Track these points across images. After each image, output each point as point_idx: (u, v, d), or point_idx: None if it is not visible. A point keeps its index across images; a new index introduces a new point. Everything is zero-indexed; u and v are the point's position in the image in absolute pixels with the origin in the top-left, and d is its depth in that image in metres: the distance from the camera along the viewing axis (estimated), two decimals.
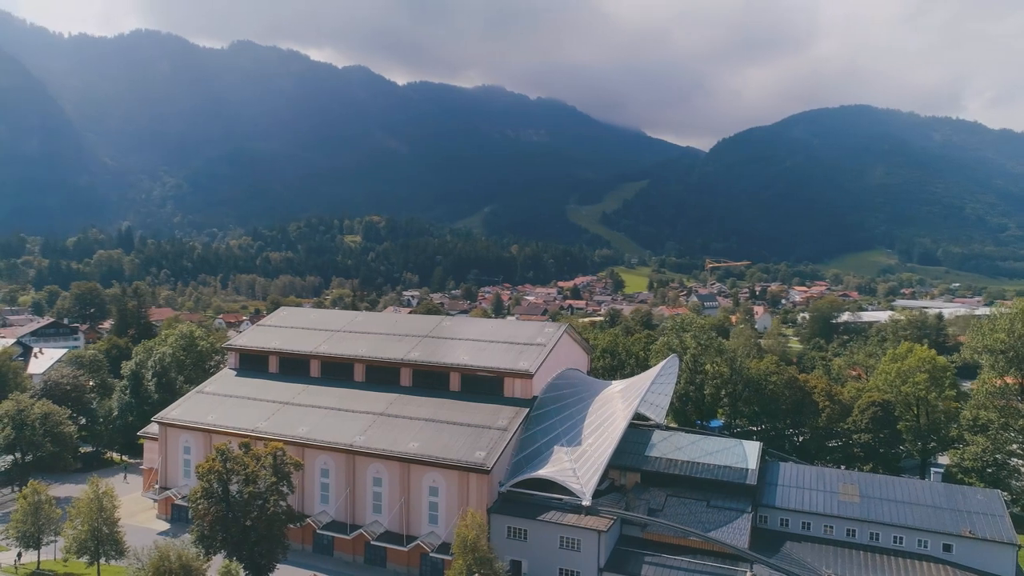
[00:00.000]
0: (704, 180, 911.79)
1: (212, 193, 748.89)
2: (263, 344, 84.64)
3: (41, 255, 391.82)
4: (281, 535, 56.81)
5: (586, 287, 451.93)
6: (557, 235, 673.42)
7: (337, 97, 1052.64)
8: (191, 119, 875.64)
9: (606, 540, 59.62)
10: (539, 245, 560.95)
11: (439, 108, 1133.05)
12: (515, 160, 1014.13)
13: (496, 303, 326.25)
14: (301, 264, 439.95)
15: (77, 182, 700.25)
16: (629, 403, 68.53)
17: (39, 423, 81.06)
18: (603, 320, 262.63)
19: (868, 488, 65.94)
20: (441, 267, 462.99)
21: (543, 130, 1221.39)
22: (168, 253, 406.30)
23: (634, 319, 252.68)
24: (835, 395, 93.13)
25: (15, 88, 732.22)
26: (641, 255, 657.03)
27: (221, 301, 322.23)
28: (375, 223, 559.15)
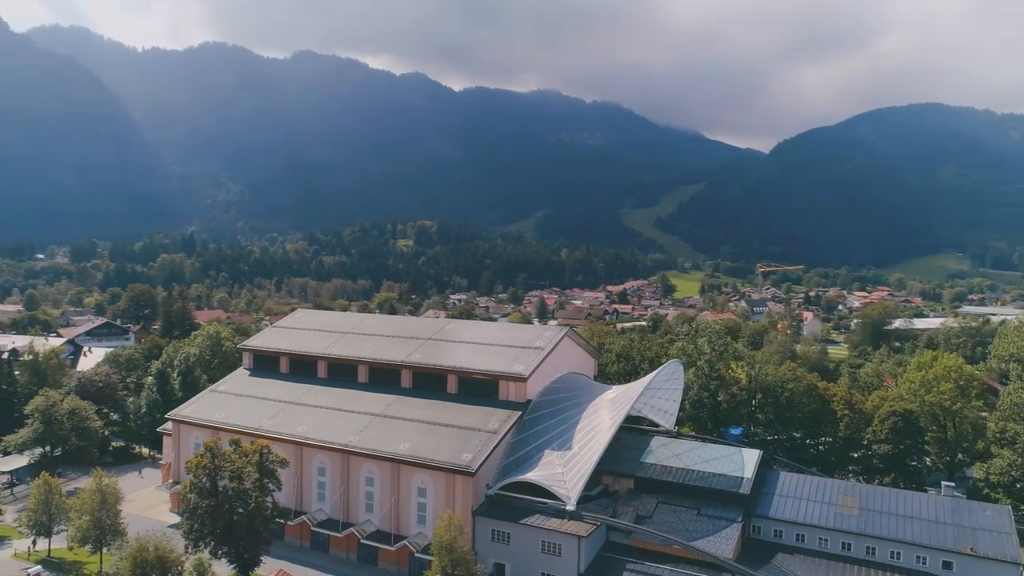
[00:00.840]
0: (763, 183, 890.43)
1: (273, 199, 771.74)
2: (275, 345, 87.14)
3: (109, 259, 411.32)
4: (265, 530, 58.34)
5: (635, 291, 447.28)
6: (610, 239, 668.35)
7: (394, 104, 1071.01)
8: (254, 127, 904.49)
9: (587, 545, 59.17)
10: (589, 249, 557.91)
11: (494, 113, 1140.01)
12: (570, 164, 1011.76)
13: (540, 307, 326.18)
14: (353, 268, 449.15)
15: (146, 189, 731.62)
16: (618, 410, 67.71)
17: (67, 418, 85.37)
18: (646, 325, 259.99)
19: (869, 501, 63.58)
20: (489, 271, 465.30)
21: (598, 133, 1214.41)
22: (227, 257, 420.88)
23: (677, 324, 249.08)
24: (856, 404, 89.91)
25: (91, 100, 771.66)
26: (695, 259, 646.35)
27: (274, 303, 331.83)
28: (427, 227, 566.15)
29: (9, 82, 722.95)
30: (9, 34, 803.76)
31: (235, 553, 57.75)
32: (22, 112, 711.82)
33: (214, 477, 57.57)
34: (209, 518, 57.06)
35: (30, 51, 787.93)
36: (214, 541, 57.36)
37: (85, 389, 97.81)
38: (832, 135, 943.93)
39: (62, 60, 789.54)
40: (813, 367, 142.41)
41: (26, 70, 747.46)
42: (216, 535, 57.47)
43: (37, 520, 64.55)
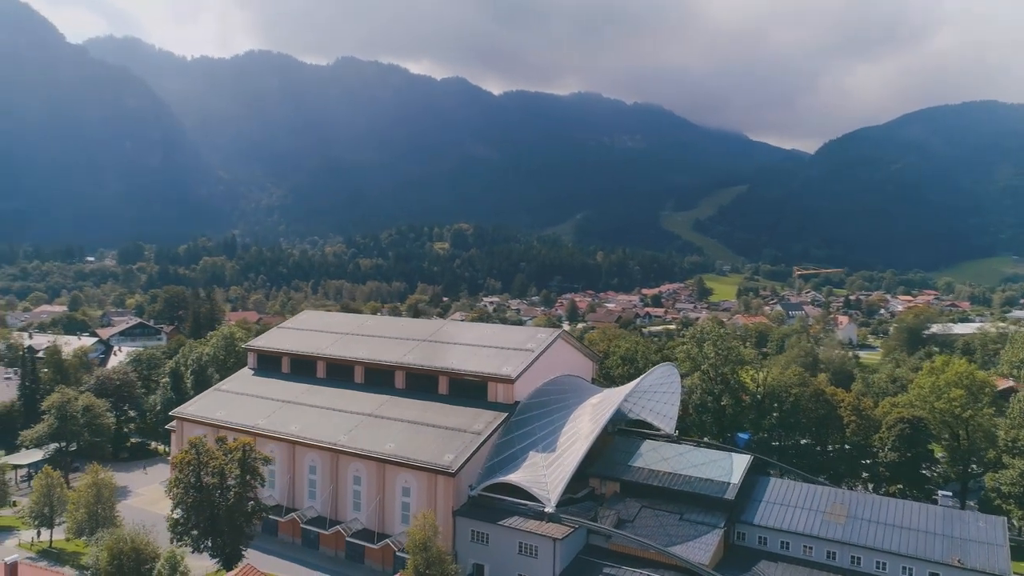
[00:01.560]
0: (807, 184, 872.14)
1: (314, 203, 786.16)
2: (277, 346, 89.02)
3: (154, 261, 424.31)
4: (247, 526, 59.64)
5: (670, 295, 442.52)
6: (649, 242, 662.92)
7: (434, 108, 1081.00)
8: (297, 132, 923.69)
9: (562, 548, 58.97)
10: (625, 252, 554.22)
11: (534, 117, 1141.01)
12: (609, 167, 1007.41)
13: (571, 310, 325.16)
14: (389, 270, 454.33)
15: (194, 193, 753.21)
16: (600, 414, 67.33)
17: (81, 415, 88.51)
18: (675, 328, 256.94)
19: (858, 509, 61.99)
20: (524, 273, 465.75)
21: (639, 136, 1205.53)
22: (266, 259, 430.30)
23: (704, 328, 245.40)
24: (864, 410, 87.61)
25: (142, 108, 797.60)
26: (735, 263, 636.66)
27: (310, 305, 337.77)
28: (463, 230, 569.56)
29: (65, 91, 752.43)
30: (66, 45, 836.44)
31: (218, 547, 59.22)
32: (77, 120, 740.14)
33: (199, 473, 59.14)
34: (193, 512, 58.69)
35: (85, 61, 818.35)
36: (198, 534, 58.94)
37: (104, 387, 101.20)
38: (881, 135, 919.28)
39: (115, 70, 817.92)
40: (836, 372, 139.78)
41: (81, 80, 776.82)
42: (200, 529, 59.08)
43: (39, 512, 67.15)
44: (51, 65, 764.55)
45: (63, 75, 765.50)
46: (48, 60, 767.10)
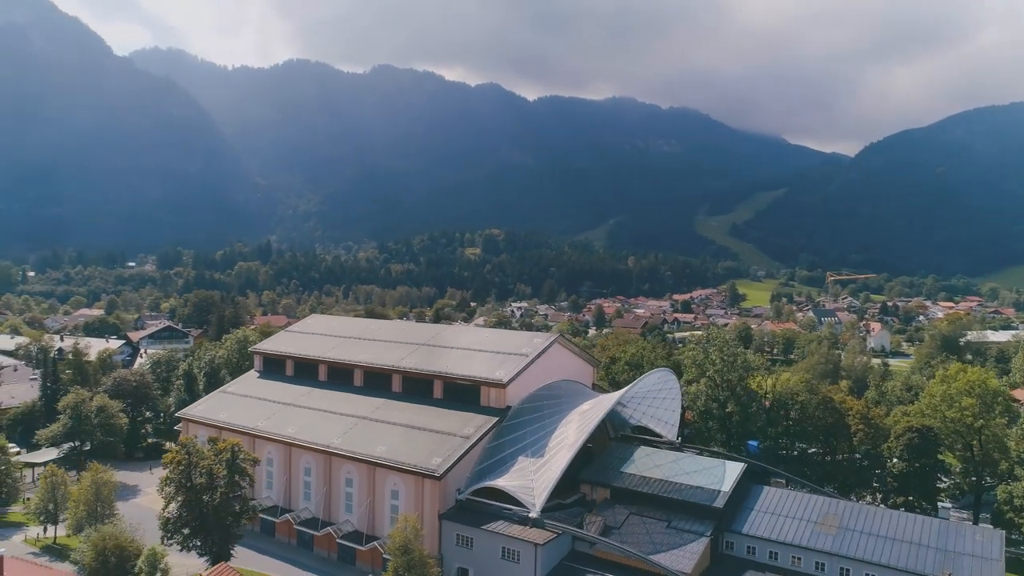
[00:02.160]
0: (847, 188, 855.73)
1: (350, 209, 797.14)
2: (282, 349, 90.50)
3: (192, 266, 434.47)
4: (235, 525, 60.65)
5: (702, 301, 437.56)
6: (682, 247, 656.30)
7: (468, 114, 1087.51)
8: (333, 139, 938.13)
9: (544, 553, 58.69)
10: (658, 257, 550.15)
11: (568, 122, 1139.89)
12: (644, 172, 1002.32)
13: (598, 315, 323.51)
14: (420, 275, 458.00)
15: (233, 200, 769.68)
16: (588, 421, 66.93)
17: (94, 415, 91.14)
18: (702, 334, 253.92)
19: (851, 520, 60.54)
20: (553, 279, 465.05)
21: (674, 140, 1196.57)
22: (299, 265, 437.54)
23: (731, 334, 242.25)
24: (873, 418, 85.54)
25: (185, 117, 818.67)
26: (770, 268, 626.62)
27: (341, 310, 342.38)
28: (494, 236, 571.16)
29: (111, 101, 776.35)
30: (113, 57, 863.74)
31: (206, 546, 60.36)
32: (122, 129, 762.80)
33: (189, 473, 60.42)
34: (183, 511, 59.96)
35: (131, 73, 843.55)
36: (188, 533, 60.19)
37: (121, 388, 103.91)
38: (924, 137, 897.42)
39: (159, 80, 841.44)
40: (858, 380, 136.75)
41: (127, 90, 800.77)
42: (190, 528, 60.33)
43: (44, 508, 69.28)
44: (99, 76, 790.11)
45: (110, 86, 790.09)
46: (96, 72, 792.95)
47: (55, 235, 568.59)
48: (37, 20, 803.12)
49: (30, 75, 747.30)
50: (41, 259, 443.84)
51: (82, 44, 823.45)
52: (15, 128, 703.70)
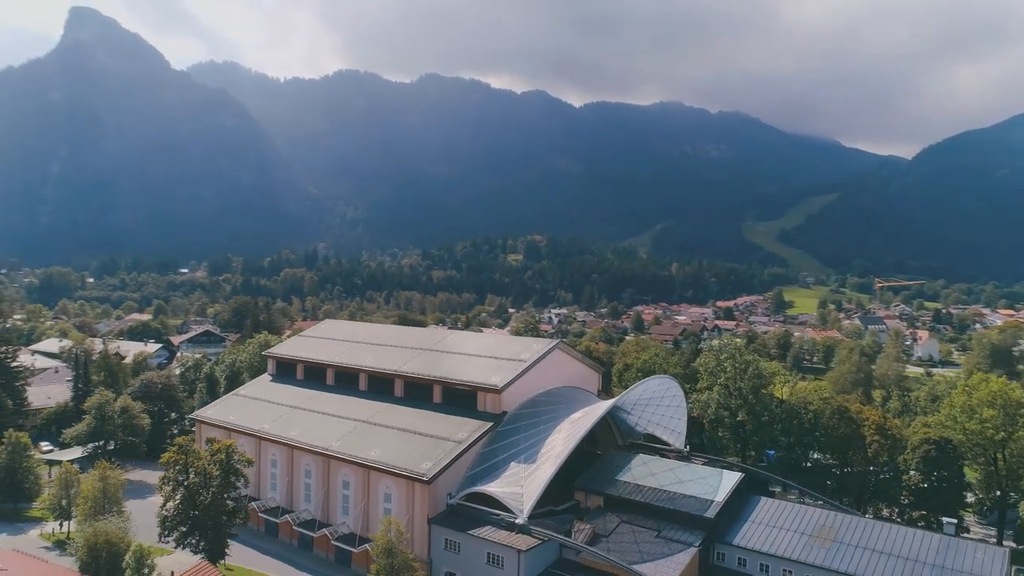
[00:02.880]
0: (904, 191, 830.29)
1: (396, 216, 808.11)
2: (293, 353, 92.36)
3: (240, 273, 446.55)
4: (229, 524, 62.04)
5: (746, 307, 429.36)
6: (729, 253, 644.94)
7: (515, 122, 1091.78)
8: (382, 148, 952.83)
9: (527, 560, 58.36)
10: (702, 263, 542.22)
11: (615, 128, 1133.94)
12: (692, 177, 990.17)
13: (636, 321, 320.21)
14: (461, 282, 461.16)
15: (284, 208, 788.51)
16: (578, 427, 66.47)
17: (118, 416, 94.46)
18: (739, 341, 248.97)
19: (847, 533, 58.60)
20: (595, 285, 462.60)
21: (723, 145, 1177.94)
22: (342, 271, 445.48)
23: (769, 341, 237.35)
24: (889, 429, 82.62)
25: (238, 128, 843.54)
26: (820, 274, 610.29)
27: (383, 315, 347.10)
28: (536, 242, 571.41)
29: (169, 113, 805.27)
30: (170, 71, 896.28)
31: (202, 544, 61.91)
32: (179, 141, 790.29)
33: (186, 472, 62.17)
34: (179, 510, 61.68)
35: (187, 85, 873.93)
36: (184, 530, 61.87)
37: (148, 390, 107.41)
38: (986, 138, 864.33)
39: (214, 92, 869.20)
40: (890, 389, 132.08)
41: (183, 102, 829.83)
42: (186, 526, 62.02)
43: (57, 504, 72.11)
44: (157, 89, 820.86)
45: (168, 98, 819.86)
46: (154, 85, 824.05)
47: (115, 242, 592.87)
48: (102, 37, 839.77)
49: (94, 89, 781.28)
50: (100, 266, 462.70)
51: (142, 58, 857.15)
52: (80, 140, 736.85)
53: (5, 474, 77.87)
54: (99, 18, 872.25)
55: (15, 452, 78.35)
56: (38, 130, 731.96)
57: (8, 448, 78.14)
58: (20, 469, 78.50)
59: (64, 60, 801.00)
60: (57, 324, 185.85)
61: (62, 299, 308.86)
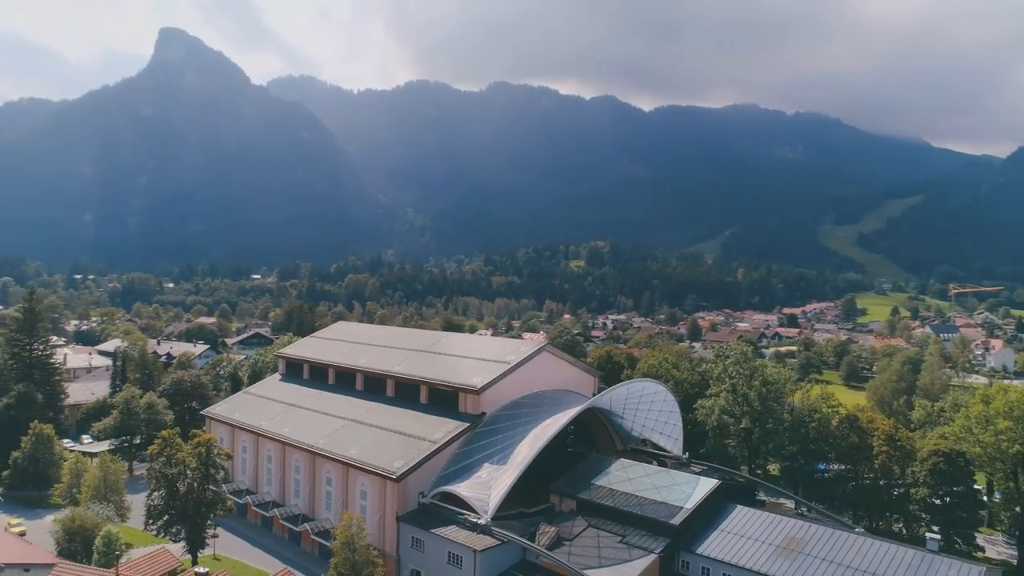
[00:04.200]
0: (996, 192, 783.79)
1: (463, 223, 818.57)
2: (301, 354, 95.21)
3: (308, 278, 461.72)
4: (205, 515, 64.52)
5: (814, 314, 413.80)
6: (803, 259, 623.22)
7: (584, 128, 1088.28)
8: (450, 156, 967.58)
9: (484, 560, 58.29)
10: (771, 269, 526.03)
11: (685, 132, 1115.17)
12: (765, 180, 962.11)
13: (692, 328, 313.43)
14: (520, 288, 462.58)
15: (355, 216, 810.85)
16: (546, 429, 66.03)
17: (143, 411, 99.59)
18: (797, 349, 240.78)
19: (818, 545, 56.00)
20: (656, 291, 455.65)
21: (800, 147, 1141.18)
22: (404, 277, 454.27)
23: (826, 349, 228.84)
24: (900, 440, 78.42)
25: (313, 140, 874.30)
26: (900, 280, 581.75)
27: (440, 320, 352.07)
28: (599, 248, 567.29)
29: (248, 127, 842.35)
30: (250, 87, 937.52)
31: (184, 534, 64.68)
32: (258, 153, 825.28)
33: (170, 464, 65.13)
34: (163, 500, 64.67)
35: (266, 100, 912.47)
36: (167, 520, 64.81)
37: (178, 387, 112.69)
38: None
39: (290, 106, 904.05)
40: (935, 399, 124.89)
41: (262, 116, 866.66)
42: (170, 516, 64.94)
43: (68, 492, 76.70)
44: (238, 104, 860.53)
45: (247, 112, 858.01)
46: (235, 100, 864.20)
47: (196, 250, 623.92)
48: (188, 56, 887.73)
49: (180, 105, 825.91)
50: (178, 272, 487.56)
51: (224, 75, 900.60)
52: (166, 154, 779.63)
53: (29, 463, 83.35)
54: (186, 38, 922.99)
55: (38, 443, 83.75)
56: (130, 145, 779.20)
57: (32, 439, 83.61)
58: (43, 459, 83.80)
59: (154, 78, 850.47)
60: (121, 326, 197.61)
61: (137, 303, 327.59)
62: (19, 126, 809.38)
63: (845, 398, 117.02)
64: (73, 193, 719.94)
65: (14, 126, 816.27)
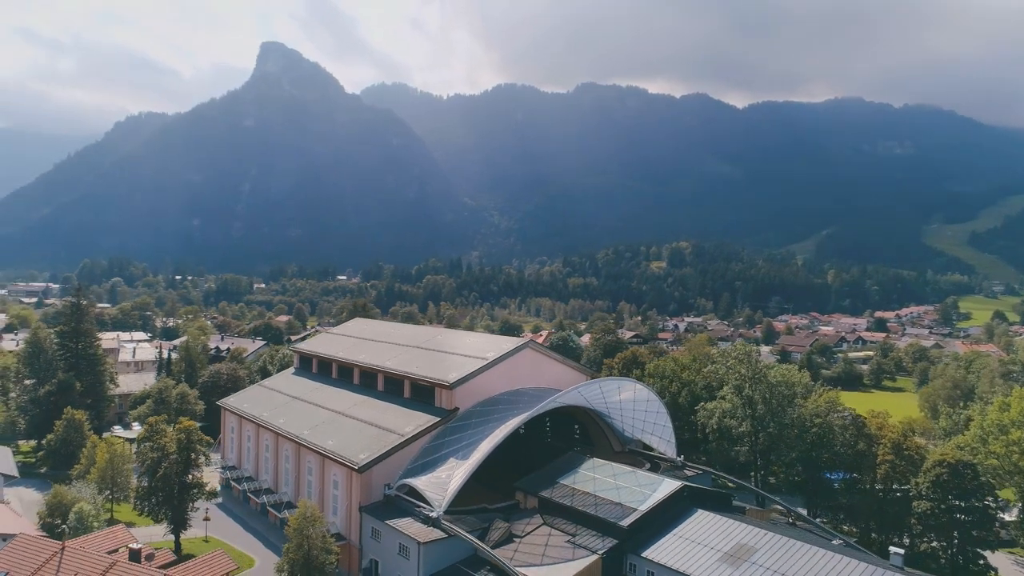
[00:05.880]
0: None
1: (548, 225, 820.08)
2: (311, 349, 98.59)
3: (389, 280, 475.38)
4: (183, 498, 68.06)
5: (911, 318, 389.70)
6: (903, 260, 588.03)
7: (674, 127, 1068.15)
8: (536, 158, 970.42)
9: (428, 552, 58.51)
10: (867, 269, 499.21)
11: (781, 128, 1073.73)
12: (867, 177, 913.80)
13: (767, 331, 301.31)
14: (596, 289, 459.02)
15: (442, 219, 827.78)
16: (505, 428, 65.60)
17: (175, 400, 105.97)
18: (873, 355, 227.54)
19: (768, 555, 53.16)
20: (738, 293, 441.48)
21: (908, 141, 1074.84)
22: (479, 278, 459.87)
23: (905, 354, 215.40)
24: (907, 448, 73.06)
25: (403, 146, 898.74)
26: (1014, 282, 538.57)
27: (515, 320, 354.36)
28: (682, 249, 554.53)
29: (342, 134, 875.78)
30: (344, 96, 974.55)
31: (168, 515, 68.56)
32: (351, 160, 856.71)
33: (154, 449, 69.21)
34: (149, 483, 68.78)
35: (359, 108, 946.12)
36: (152, 501, 68.87)
37: (216, 379, 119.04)
38: None
39: (382, 113, 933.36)
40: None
41: (356, 124, 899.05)
42: (157, 497, 68.99)
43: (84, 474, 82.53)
44: (332, 112, 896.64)
45: (341, 120, 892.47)
46: (330, 108, 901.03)
47: (291, 252, 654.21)
48: (286, 68, 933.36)
49: (279, 115, 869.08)
50: (269, 272, 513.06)
51: (320, 85, 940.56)
52: (266, 161, 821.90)
53: (61, 445, 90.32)
54: (285, 51, 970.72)
55: (70, 427, 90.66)
56: (234, 153, 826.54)
57: (64, 423, 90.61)
58: (73, 441, 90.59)
59: (256, 90, 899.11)
60: (197, 322, 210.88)
61: (223, 302, 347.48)
62: (137, 138, 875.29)
63: (894, 406, 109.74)
64: (183, 199, 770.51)
65: (132, 138, 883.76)
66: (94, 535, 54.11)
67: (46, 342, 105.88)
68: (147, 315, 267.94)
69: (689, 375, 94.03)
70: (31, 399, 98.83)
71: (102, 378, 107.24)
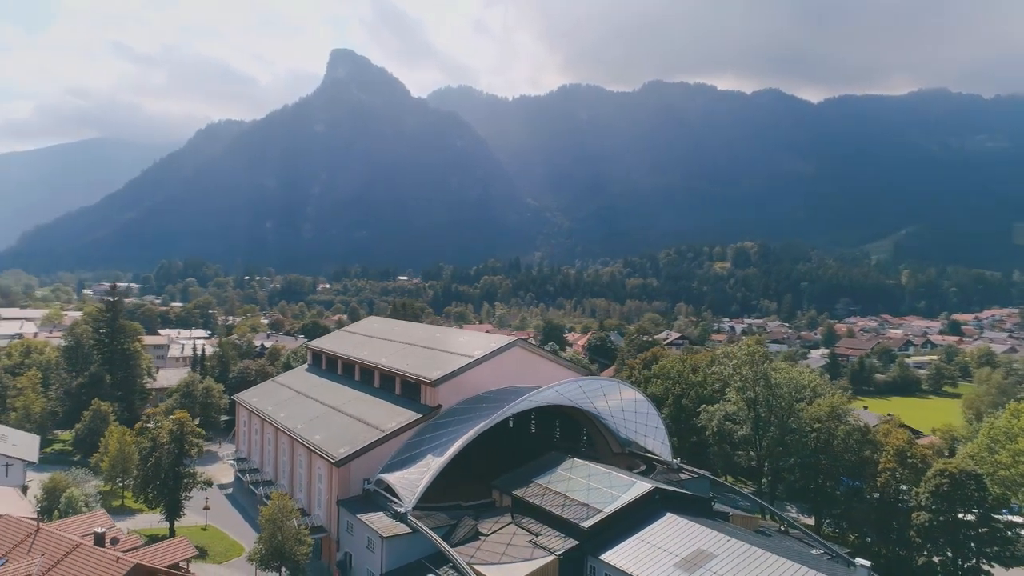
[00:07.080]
0: None
1: (610, 225, 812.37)
2: (321, 346, 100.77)
3: (448, 280, 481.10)
4: (175, 488, 70.75)
5: (989, 322, 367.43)
6: (990, 260, 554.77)
7: (745, 124, 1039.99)
8: (601, 158, 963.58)
9: (391, 547, 58.88)
10: (945, 270, 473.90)
11: (859, 123, 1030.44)
12: (953, 173, 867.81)
13: (827, 334, 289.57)
14: (655, 290, 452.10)
15: (504, 220, 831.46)
16: (477, 425, 65.42)
17: (200, 394, 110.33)
18: (937, 359, 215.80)
19: (724, 563, 51.24)
20: (804, 294, 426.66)
21: (1000, 135, 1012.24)
22: (535, 279, 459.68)
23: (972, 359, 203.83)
24: (910, 457, 69.05)
25: (467, 148, 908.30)
26: None
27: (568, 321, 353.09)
28: (746, 248, 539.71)
29: (409, 137, 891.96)
30: (411, 100, 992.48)
31: (162, 503, 71.50)
32: (416, 162, 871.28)
33: (148, 439, 72.34)
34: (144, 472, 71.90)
35: (425, 111, 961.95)
36: (149, 490, 71.93)
37: (243, 375, 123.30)
38: None
39: (446, 116, 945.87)
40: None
41: (421, 127, 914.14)
42: (154, 486, 72.06)
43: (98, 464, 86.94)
44: (399, 116, 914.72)
45: (408, 123, 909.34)
46: (397, 112, 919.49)
47: (358, 254, 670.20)
48: (354, 73, 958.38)
49: (348, 120, 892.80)
50: (333, 273, 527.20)
51: (387, 89, 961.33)
52: (336, 165, 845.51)
53: (87, 435, 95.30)
54: (354, 57, 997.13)
55: (96, 417, 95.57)
56: (305, 158, 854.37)
57: (91, 414, 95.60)
58: (98, 431, 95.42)
59: (326, 96, 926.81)
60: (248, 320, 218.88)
61: (282, 301, 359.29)
62: (215, 145, 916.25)
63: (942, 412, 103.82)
64: (258, 203, 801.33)
65: (212, 145, 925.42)
66: (73, 519, 56.89)
67: (84, 337, 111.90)
68: (210, 313, 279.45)
69: (697, 376, 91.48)
70: (66, 391, 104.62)
71: (135, 372, 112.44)
